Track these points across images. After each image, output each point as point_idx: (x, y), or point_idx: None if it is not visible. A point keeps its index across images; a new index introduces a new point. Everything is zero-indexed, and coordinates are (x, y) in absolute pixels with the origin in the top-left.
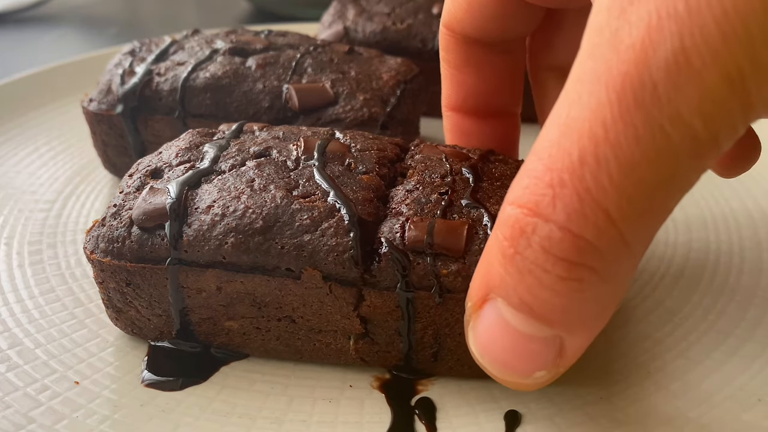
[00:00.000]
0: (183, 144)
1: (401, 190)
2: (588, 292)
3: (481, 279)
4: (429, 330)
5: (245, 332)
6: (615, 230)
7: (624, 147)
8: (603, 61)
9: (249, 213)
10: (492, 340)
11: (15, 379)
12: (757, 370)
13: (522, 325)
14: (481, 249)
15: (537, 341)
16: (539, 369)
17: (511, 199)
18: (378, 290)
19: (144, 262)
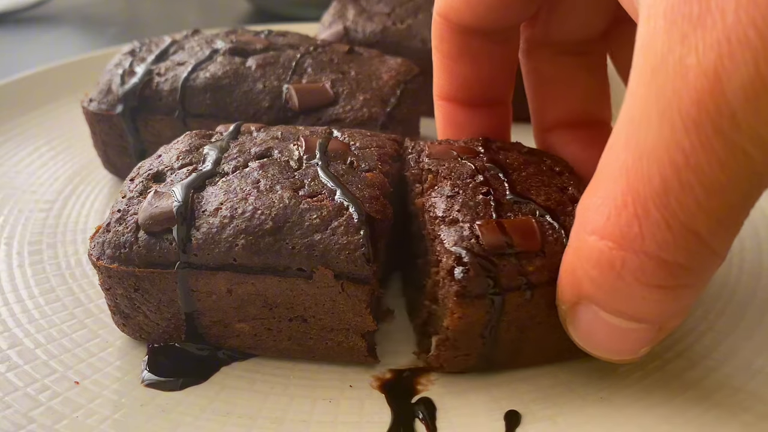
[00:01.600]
0: (182, 146)
1: (438, 197)
2: (683, 299)
3: (570, 288)
4: (513, 326)
5: (256, 333)
6: (706, 248)
7: (707, 172)
8: (671, 89)
9: (258, 214)
10: (594, 333)
11: (15, 379)
12: (757, 370)
13: (623, 324)
14: (555, 239)
15: (637, 331)
16: (641, 348)
17: (591, 228)
18: (469, 299)
19: (153, 267)
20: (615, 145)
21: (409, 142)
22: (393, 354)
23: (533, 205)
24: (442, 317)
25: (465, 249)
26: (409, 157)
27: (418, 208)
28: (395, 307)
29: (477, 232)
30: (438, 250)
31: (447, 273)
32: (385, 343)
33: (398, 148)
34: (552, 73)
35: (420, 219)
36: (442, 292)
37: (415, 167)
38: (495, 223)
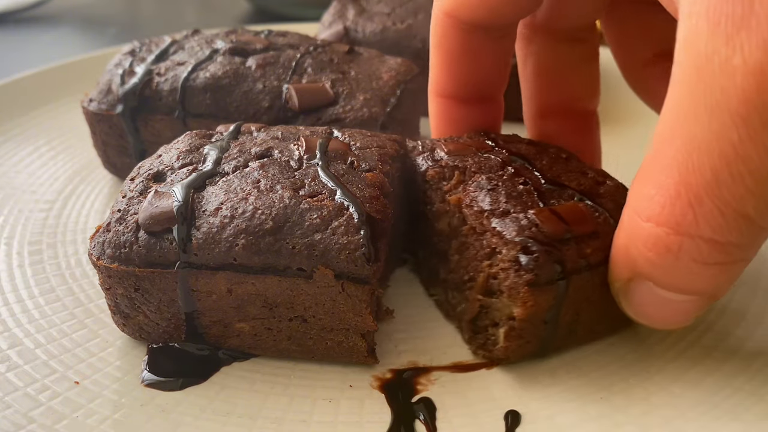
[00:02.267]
0: (182, 146)
1: (478, 191)
2: (735, 272)
3: (624, 266)
4: (571, 308)
5: (256, 333)
6: (756, 227)
7: (756, 161)
8: (718, 88)
9: (258, 214)
10: (648, 306)
11: (15, 379)
12: (757, 370)
13: (675, 297)
14: (603, 220)
15: (690, 302)
16: (692, 316)
17: (647, 216)
18: (539, 287)
19: (153, 266)
20: (664, 139)
21: (411, 142)
22: (393, 354)
23: (569, 190)
24: (503, 309)
25: (530, 238)
26: (420, 158)
27: (453, 204)
28: (395, 307)
29: (535, 221)
30: (494, 242)
31: (512, 263)
32: (385, 343)
33: (399, 148)
34: (551, 61)
35: (455, 215)
36: (507, 283)
37: (434, 165)
38: (549, 211)
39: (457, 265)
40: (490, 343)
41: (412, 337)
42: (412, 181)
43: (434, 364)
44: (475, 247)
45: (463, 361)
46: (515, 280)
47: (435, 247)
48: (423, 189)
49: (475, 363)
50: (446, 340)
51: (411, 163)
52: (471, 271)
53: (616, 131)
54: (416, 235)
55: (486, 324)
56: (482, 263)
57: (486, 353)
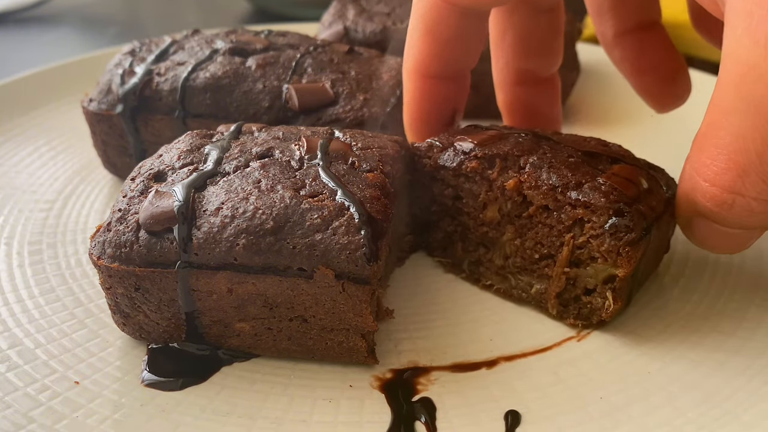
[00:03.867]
0: (183, 146)
1: (535, 170)
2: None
3: (687, 209)
4: (643, 260)
5: (256, 333)
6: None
7: None
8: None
9: (259, 214)
10: (709, 238)
11: (15, 379)
12: (758, 370)
13: (736, 232)
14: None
15: (746, 234)
16: (748, 243)
17: (704, 178)
18: (637, 244)
19: (153, 266)
20: (715, 121)
21: (423, 143)
22: (393, 354)
23: (605, 156)
24: (597, 274)
25: (620, 202)
26: (446, 155)
27: (511, 189)
28: (395, 307)
29: (613, 186)
30: (579, 213)
31: (607, 228)
32: (385, 343)
33: (400, 149)
34: (530, 30)
35: (509, 200)
36: (604, 248)
37: (470, 158)
38: (617, 176)
39: (519, 248)
40: (588, 311)
41: (412, 337)
42: (422, 182)
43: (434, 364)
44: (547, 225)
45: (463, 361)
46: (614, 243)
47: (480, 238)
48: (453, 184)
49: (475, 363)
50: (446, 340)
51: (423, 163)
52: (546, 248)
53: (615, 131)
54: (441, 233)
55: (576, 294)
56: (563, 237)
57: (585, 321)
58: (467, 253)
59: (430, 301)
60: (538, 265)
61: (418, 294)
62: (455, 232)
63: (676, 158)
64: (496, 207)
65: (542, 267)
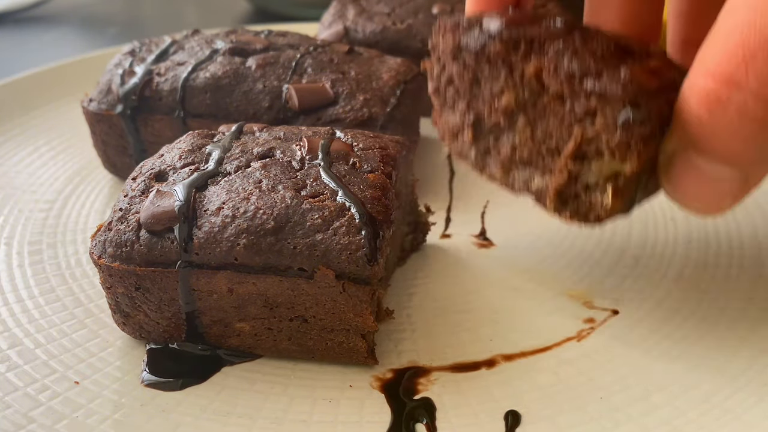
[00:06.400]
0: (185, 146)
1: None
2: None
3: (674, 135)
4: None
5: (257, 333)
6: None
7: None
8: None
9: (260, 214)
10: (686, 183)
11: (15, 379)
12: (758, 371)
13: (714, 170)
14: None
15: (726, 180)
16: (726, 200)
17: (703, 72)
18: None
19: (154, 265)
20: (731, 8)
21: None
22: (393, 354)
23: (638, 53)
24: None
25: (637, 93)
26: (470, 35)
27: (531, 75)
28: (395, 307)
29: (634, 77)
30: (593, 103)
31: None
32: (385, 343)
33: (401, 149)
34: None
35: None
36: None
37: (495, 39)
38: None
39: (528, 139)
40: (587, 208)
41: (412, 337)
42: None
43: (434, 364)
44: (559, 115)
45: (463, 361)
46: (625, 138)
47: (491, 127)
48: (473, 68)
49: (475, 363)
50: (446, 340)
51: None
52: (555, 140)
53: None
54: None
55: (577, 191)
56: (573, 129)
57: (582, 218)
58: (477, 141)
59: (431, 301)
60: (543, 159)
61: (418, 294)
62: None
63: None
64: (513, 94)
65: (547, 161)
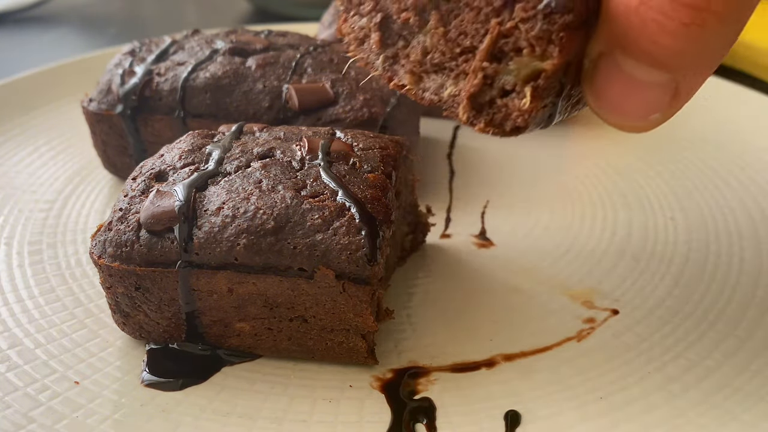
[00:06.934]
0: (185, 146)
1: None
2: (709, 36)
3: (600, 35)
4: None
5: (256, 333)
6: None
7: None
8: None
9: (260, 214)
10: (610, 90)
11: (15, 379)
12: (757, 370)
13: (641, 73)
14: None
15: (654, 86)
16: (655, 112)
17: None
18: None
19: (154, 265)
20: None
21: None
22: (393, 354)
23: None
24: (520, 70)
25: None
26: None
27: None
28: (395, 307)
29: None
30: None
31: (540, 8)
32: (385, 343)
33: (401, 150)
34: None
35: None
36: (533, 33)
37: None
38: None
39: (441, 39)
40: (503, 116)
41: (412, 337)
42: None
43: (434, 364)
44: (475, 8)
45: (463, 361)
46: (546, 27)
47: (400, 28)
48: None
49: (475, 363)
50: (446, 340)
51: None
52: (469, 39)
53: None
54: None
55: (492, 96)
56: (488, 24)
57: (498, 128)
58: (384, 47)
59: (431, 301)
60: (457, 62)
61: (418, 294)
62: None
63: None
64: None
65: (461, 64)
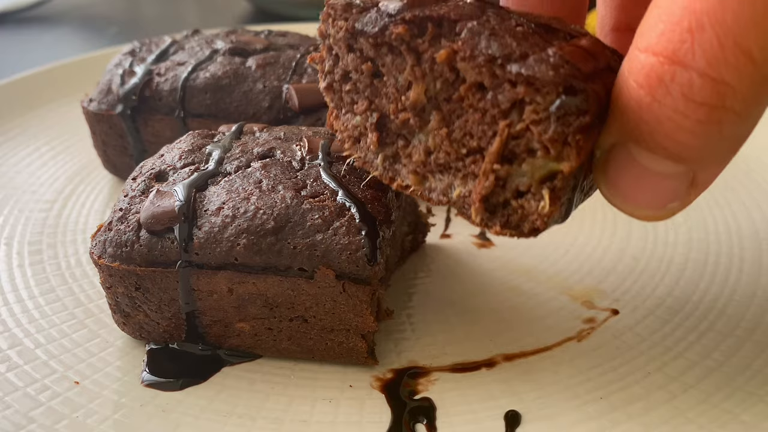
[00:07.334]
0: (185, 146)
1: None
2: (726, 131)
3: (612, 126)
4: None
5: (257, 333)
6: (757, 71)
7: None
8: None
9: (260, 214)
10: (624, 178)
11: (15, 379)
12: (757, 370)
13: (657, 165)
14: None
15: (671, 177)
16: (672, 201)
17: (644, 46)
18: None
19: (154, 265)
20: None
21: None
22: (393, 354)
23: (562, 32)
24: (535, 171)
25: (572, 77)
26: (368, 16)
27: (442, 62)
28: (395, 307)
29: (565, 58)
30: (520, 91)
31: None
32: (385, 343)
33: None
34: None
35: (441, 77)
36: (548, 135)
37: (396, 21)
38: (572, 46)
39: (445, 140)
40: (519, 217)
41: (412, 337)
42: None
43: (434, 364)
44: (480, 109)
45: (463, 361)
46: (561, 129)
47: (399, 127)
48: (373, 56)
49: (475, 363)
50: (446, 340)
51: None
52: (476, 140)
53: None
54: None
55: (506, 198)
56: (497, 124)
57: (514, 230)
58: (383, 146)
59: (431, 301)
60: (464, 162)
61: (418, 294)
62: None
63: None
64: (422, 87)
65: (469, 164)
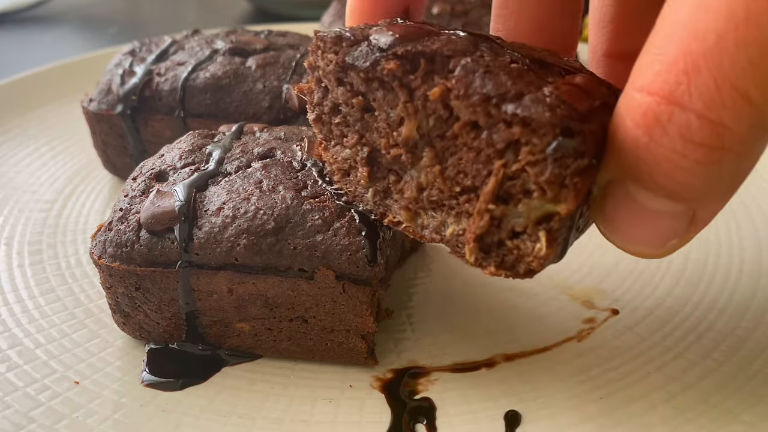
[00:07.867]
0: (185, 146)
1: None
2: (726, 171)
3: (609, 164)
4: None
5: (257, 333)
6: (755, 112)
7: (766, 26)
8: None
9: (260, 214)
10: (623, 217)
11: (15, 379)
12: (757, 370)
13: (655, 204)
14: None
15: (670, 215)
16: (672, 239)
17: (640, 86)
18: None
19: (154, 265)
20: (673, 3)
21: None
22: (393, 354)
23: (557, 68)
24: (531, 212)
25: (568, 118)
26: (358, 50)
27: (435, 99)
28: (395, 307)
29: (561, 98)
30: (515, 132)
31: (550, 152)
32: (385, 343)
33: None
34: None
35: (433, 114)
36: (544, 177)
37: (388, 56)
38: (568, 85)
39: (437, 177)
40: (514, 258)
41: (412, 337)
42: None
43: (434, 364)
44: (474, 148)
45: (463, 361)
46: (558, 171)
47: (391, 163)
48: (363, 91)
49: (475, 363)
50: (446, 340)
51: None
52: (470, 179)
53: None
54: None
55: (500, 238)
56: (492, 164)
57: (509, 271)
58: (374, 181)
59: (431, 301)
60: (458, 200)
61: (418, 294)
62: (360, 152)
63: None
64: (414, 123)
65: (462, 202)
